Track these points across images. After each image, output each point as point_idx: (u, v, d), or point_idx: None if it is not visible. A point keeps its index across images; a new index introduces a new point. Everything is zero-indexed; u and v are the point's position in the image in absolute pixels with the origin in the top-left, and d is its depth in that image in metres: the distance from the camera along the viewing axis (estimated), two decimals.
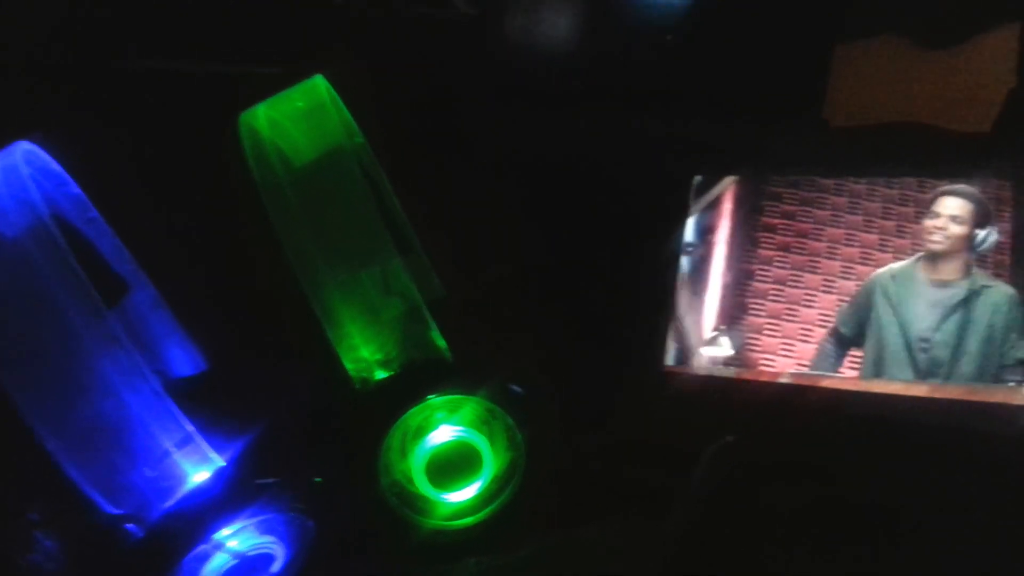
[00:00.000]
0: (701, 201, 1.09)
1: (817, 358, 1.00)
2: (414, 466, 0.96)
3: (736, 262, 1.05)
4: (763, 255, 1.05)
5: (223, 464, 0.91)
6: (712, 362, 1.02)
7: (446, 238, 1.13)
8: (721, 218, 1.08)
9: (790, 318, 1.02)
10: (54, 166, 1.00)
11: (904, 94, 1.13)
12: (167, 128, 1.13)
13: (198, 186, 1.11)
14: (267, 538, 0.92)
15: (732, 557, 0.87)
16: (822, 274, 1.02)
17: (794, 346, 1.01)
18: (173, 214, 1.11)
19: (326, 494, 0.95)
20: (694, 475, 0.91)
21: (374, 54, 1.22)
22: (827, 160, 1.07)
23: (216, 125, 0.99)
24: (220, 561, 0.90)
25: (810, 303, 1.02)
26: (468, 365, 1.00)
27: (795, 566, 0.86)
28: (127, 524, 0.88)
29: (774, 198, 1.07)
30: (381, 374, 0.97)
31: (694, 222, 1.08)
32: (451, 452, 0.98)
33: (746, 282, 1.04)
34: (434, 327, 0.95)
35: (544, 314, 1.08)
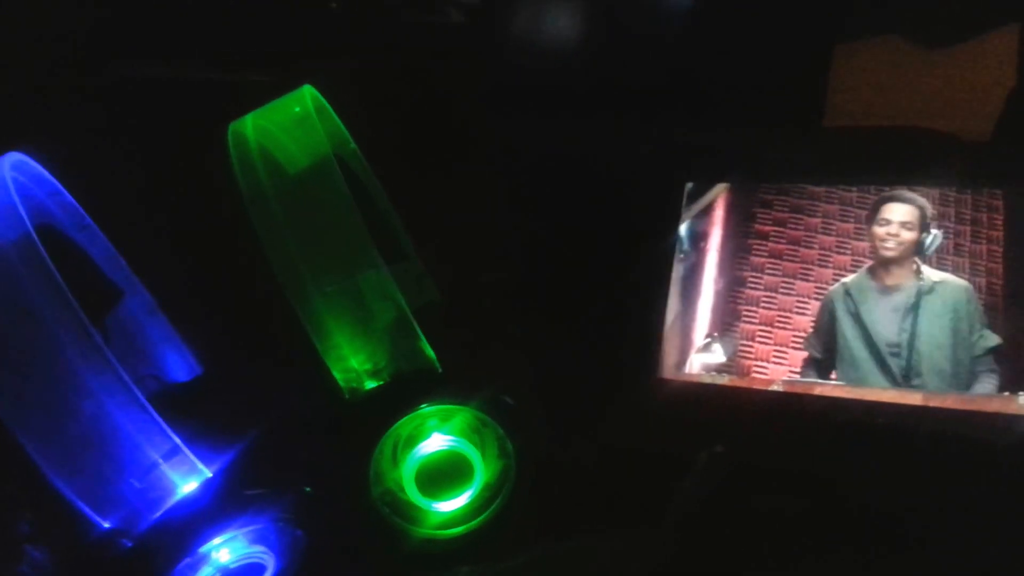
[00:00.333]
0: (693, 208, 1.09)
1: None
2: (405, 475, 0.96)
3: (728, 269, 1.05)
4: (755, 262, 1.05)
5: (210, 475, 0.91)
6: (705, 369, 1.02)
7: (440, 244, 1.13)
8: (713, 225, 1.07)
9: (783, 325, 1.01)
10: (47, 175, 1.00)
11: (904, 94, 1.13)
12: (160, 136, 1.14)
13: (191, 193, 1.12)
14: (258, 548, 0.92)
15: (724, 565, 0.87)
16: (814, 281, 1.02)
17: (786, 353, 1.00)
18: (166, 221, 1.12)
19: (317, 503, 0.95)
20: (686, 483, 0.91)
21: (368, 61, 1.22)
22: (818, 168, 1.07)
23: (208, 132, 0.99)
24: (209, 573, 0.91)
25: (802, 310, 1.02)
26: (459, 375, 1.00)
27: (787, 574, 0.86)
28: (116, 536, 0.88)
29: (766, 205, 1.07)
30: (370, 384, 0.97)
31: (686, 229, 1.08)
32: (442, 461, 0.98)
33: (738, 289, 1.04)
34: (422, 337, 0.95)
35: (536, 321, 1.08)
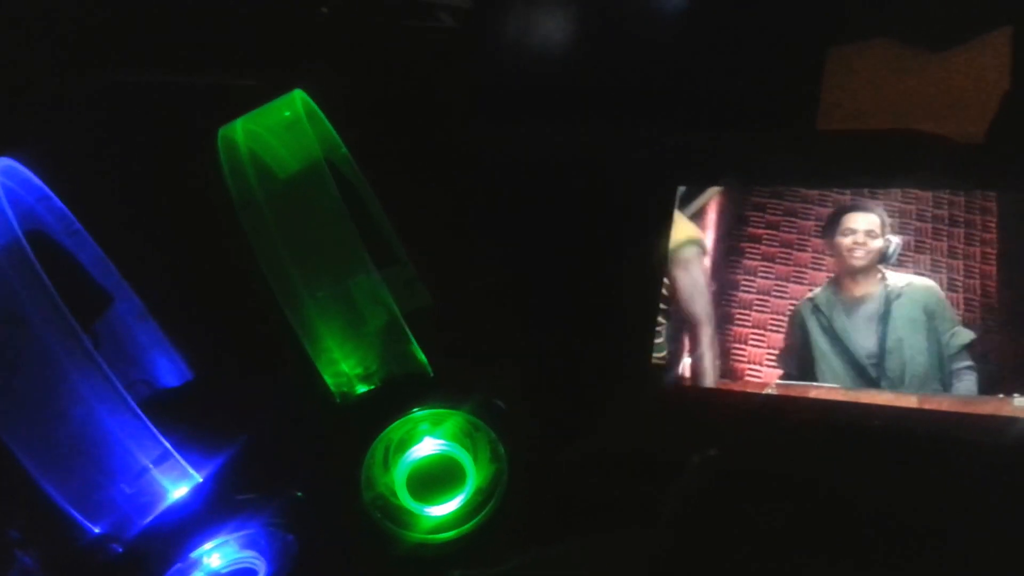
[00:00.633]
0: (686, 211, 1.08)
1: None
2: (397, 479, 0.96)
3: (721, 272, 1.05)
4: (748, 265, 1.04)
5: (201, 480, 0.91)
6: (697, 373, 1.02)
7: (432, 248, 1.13)
8: (706, 229, 1.07)
9: (775, 328, 1.01)
10: (36, 180, 1.00)
11: (897, 97, 1.12)
12: (150, 140, 1.13)
13: (181, 198, 1.11)
14: (249, 553, 0.92)
15: (716, 568, 0.87)
16: (807, 285, 1.02)
17: (776, 360, 1.00)
18: (156, 226, 1.11)
19: (308, 508, 0.94)
20: (678, 486, 0.91)
21: (360, 66, 1.22)
22: (811, 171, 1.07)
23: (198, 137, 0.99)
24: None
25: (793, 318, 1.01)
26: (451, 379, 0.99)
27: None
28: (106, 541, 0.87)
29: (758, 208, 1.07)
30: (362, 388, 0.96)
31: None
32: (434, 465, 0.98)
33: (731, 292, 1.04)
34: (414, 341, 0.94)
35: (528, 326, 1.08)
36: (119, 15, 1.19)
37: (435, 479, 0.96)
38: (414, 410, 0.98)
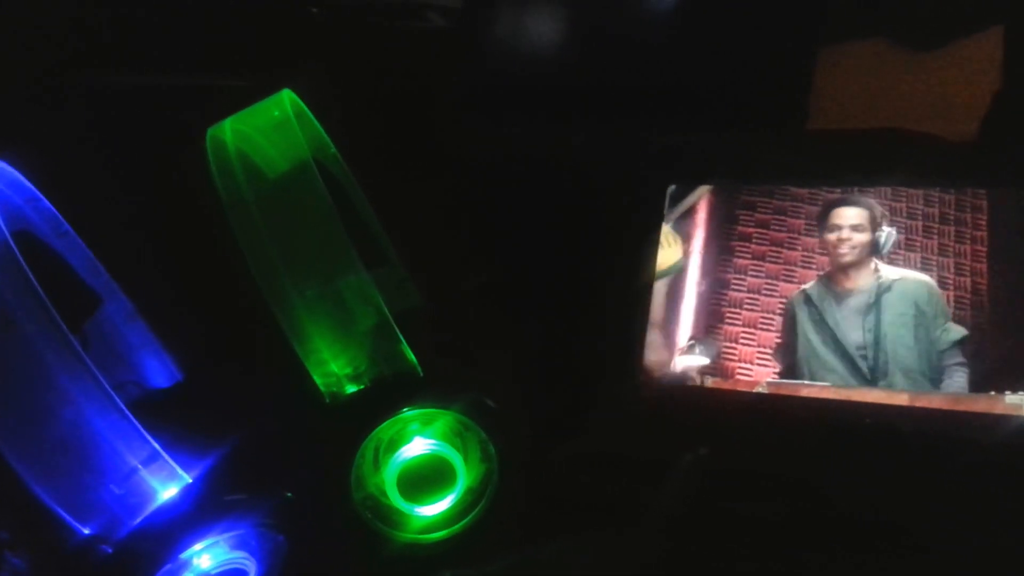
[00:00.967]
0: (676, 210, 1.08)
1: None
2: (387, 479, 0.96)
3: (711, 271, 1.05)
4: (738, 264, 1.04)
5: (191, 480, 0.91)
6: (688, 371, 1.02)
7: (421, 248, 1.13)
8: (696, 227, 1.07)
9: (766, 327, 1.01)
10: (24, 181, 1.00)
11: (888, 96, 1.13)
12: (138, 141, 1.13)
13: (170, 198, 1.11)
14: (239, 554, 0.92)
15: (707, 568, 0.87)
16: (797, 283, 1.02)
17: (770, 355, 1.00)
18: (145, 227, 1.11)
19: (298, 509, 0.94)
20: (669, 486, 0.91)
21: (350, 65, 1.22)
22: (801, 169, 1.07)
23: (186, 137, 0.99)
24: None
25: (786, 312, 1.01)
26: (441, 378, 0.99)
27: None
28: (95, 542, 0.87)
29: (748, 207, 1.07)
30: (351, 388, 0.96)
31: (669, 231, 1.08)
32: (424, 465, 0.98)
33: (721, 291, 1.04)
34: (403, 341, 0.94)
35: (518, 325, 1.08)
36: (107, 15, 1.19)
37: (425, 479, 0.96)
38: (404, 410, 0.98)
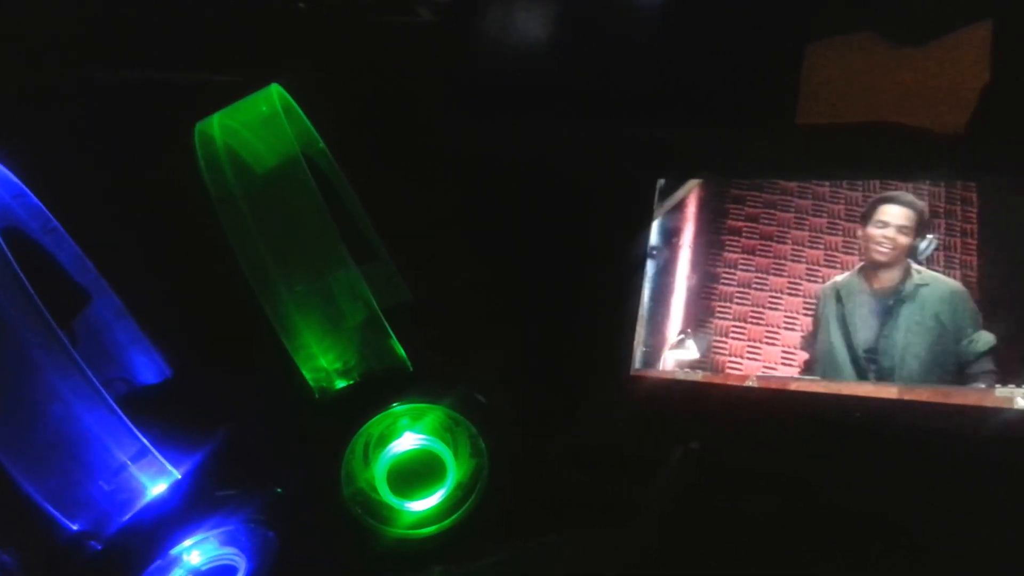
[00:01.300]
0: (665, 204, 1.08)
1: None
2: (377, 475, 0.95)
3: (701, 265, 1.05)
4: (728, 258, 1.05)
5: (180, 476, 0.91)
6: (678, 366, 1.02)
7: (411, 244, 1.13)
8: (686, 221, 1.07)
9: (756, 321, 1.01)
10: (11, 177, 1.00)
11: (877, 91, 1.13)
12: (126, 137, 1.13)
13: (158, 194, 1.11)
14: (229, 550, 0.91)
15: (698, 563, 0.87)
16: (787, 276, 1.02)
17: (760, 349, 1.00)
18: (134, 223, 1.11)
19: (288, 504, 0.94)
20: (660, 480, 0.91)
21: (337, 60, 1.22)
22: (791, 163, 1.07)
23: (174, 133, 0.98)
24: (180, 575, 0.90)
25: (775, 306, 1.02)
26: (431, 373, 0.99)
27: (762, 572, 0.86)
28: (84, 538, 0.87)
29: (738, 201, 1.07)
30: (341, 383, 0.96)
31: (658, 225, 1.08)
32: (414, 460, 0.97)
33: (711, 285, 1.04)
34: (393, 336, 0.94)
35: (508, 319, 1.08)
36: (94, 11, 1.19)
37: (415, 474, 0.96)
38: (394, 405, 0.97)
